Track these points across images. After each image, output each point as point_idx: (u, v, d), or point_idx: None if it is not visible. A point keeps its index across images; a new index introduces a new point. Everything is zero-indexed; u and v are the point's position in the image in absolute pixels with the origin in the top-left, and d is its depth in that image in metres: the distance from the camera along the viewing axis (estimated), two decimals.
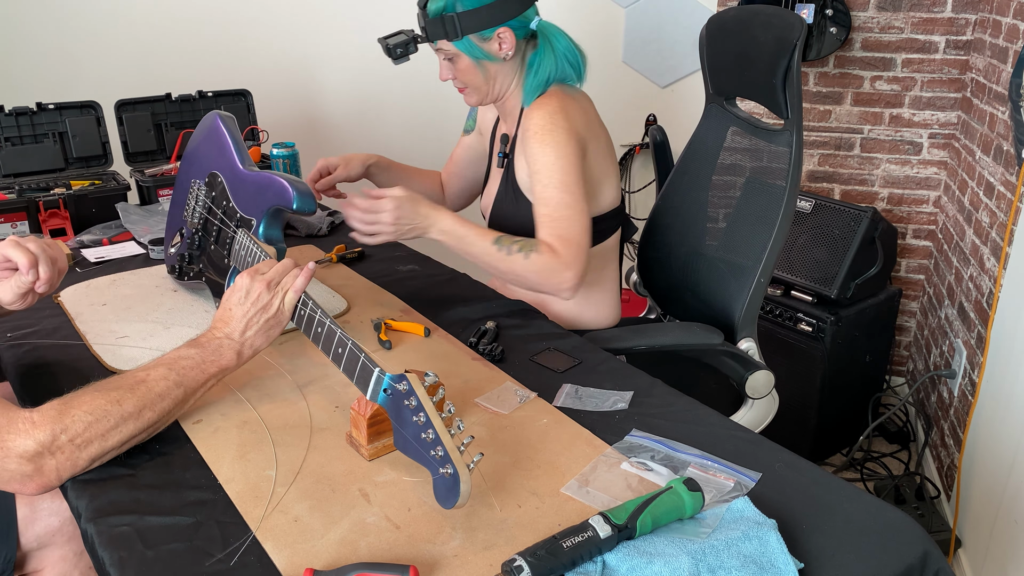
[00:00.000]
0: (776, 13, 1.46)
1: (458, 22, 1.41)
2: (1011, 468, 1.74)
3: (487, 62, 1.48)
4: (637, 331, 1.53)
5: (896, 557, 0.87)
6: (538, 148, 1.42)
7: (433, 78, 2.84)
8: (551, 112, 1.44)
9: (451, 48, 1.45)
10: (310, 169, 1.73)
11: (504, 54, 1.47)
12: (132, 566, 0.85)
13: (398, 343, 1.34)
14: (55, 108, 1.96)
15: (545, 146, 1.42)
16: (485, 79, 1.50)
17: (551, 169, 1.41)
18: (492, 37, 1.45)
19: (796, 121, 1.42)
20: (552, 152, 1.41)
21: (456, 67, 1.48)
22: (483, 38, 1.44)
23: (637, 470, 1.01)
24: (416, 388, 0.91)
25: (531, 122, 1.44)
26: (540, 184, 1.42)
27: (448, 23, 1.41)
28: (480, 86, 1.51)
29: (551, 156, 1.41)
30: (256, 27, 2.72)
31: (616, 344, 1.45)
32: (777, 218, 1.47)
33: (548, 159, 1.41)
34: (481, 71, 1.49)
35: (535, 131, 1.43)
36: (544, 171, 1.41)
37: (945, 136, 2.53)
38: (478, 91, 1.52)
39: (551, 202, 1.41)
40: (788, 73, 1.39)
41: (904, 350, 2.80)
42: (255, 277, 1.09)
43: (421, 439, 0.89)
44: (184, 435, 1.08)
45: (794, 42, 1.35)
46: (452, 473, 0.85)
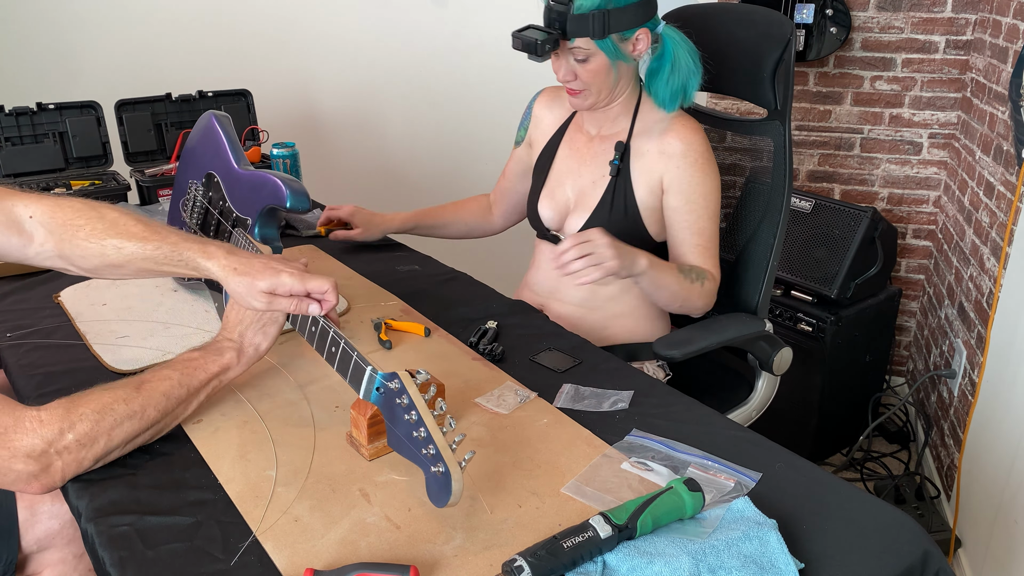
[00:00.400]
0: (754, 11, 1.53)
1: (608, 19, 1.34)
2: (1011, 468, 1.74)
3: (621, 63, 1.42)
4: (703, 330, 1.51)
5: (896, 557, 0.87)
6: (700, 175, 1.43)
7: (433, 77, 2.85)
8: (704, 139, 1.45)
9: (590, 47, 1.38)
10: (310, 169, 1.73)
11: (638, 55, 1.42)
12: (132, 566, 0.85)
13: (398, 343, 1.34)
14: (55, 108, 1.96)
15: (707, 175, 1.43)
16: (613, 82, 1.45)
17: (708, 199, 1.44)
18: (631, 38, 1.40)
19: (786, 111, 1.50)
20: (712, 182, 1.44)
21: (586, 67, 1.41)
22: (623, 38, 1.39)
23: (637, 470, 1.01)
24: (408, 386, 0.92)
25: (689, 145, 1.43)
26: (694, 213, 1.44)
27: (597, 20, 1.34)
28: (604, 89, 1.45)
29: (711, 186, 1.44)
30: (256, 27, 2.72)
31: (693, 346, 1.44)
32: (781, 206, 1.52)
33: (708, 188, 1.44)
34: (614, 73, 1.43)
35: (696, 157, 1.43)
36: (702, 200, 1.44)
37: (945, 136, 2.53)
38: (599, 94, 1.45)
39: (706, 232, 1.45)
40: (780, 65, 1.45)
41: (904, 350, 2.80)
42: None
43: (413, 437, 0.89)
44: (184, 435, 1.08)
45: (788, 37, 1.44)
46: (444, 471, 0.85)
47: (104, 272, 1.12)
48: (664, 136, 1.45)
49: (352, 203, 1.77)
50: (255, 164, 2.09)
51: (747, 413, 1.62)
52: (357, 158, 2.95)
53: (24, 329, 1.37)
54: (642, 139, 1.48)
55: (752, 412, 1.63)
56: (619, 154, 1.49)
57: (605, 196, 1.51)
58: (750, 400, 1.62)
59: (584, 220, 1.52)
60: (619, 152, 1.50)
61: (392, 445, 0.94)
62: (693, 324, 1.51)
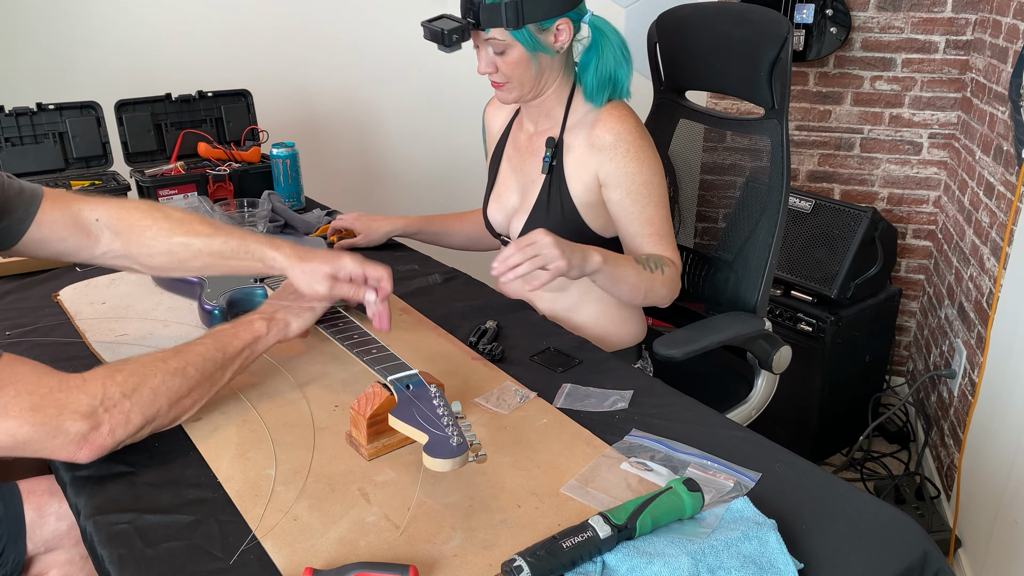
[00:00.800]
0: (751, 10, 1.53)
1: (521, 9, 1.30)
2: (1011, 468, 1.74)
3: (542, 55, 1.38)
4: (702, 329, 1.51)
5: (896, 557, 0.87)
6: (636, 164, 1.38)
7: (432, 77, 2.85)
8: (637, 125, 1.40)
9: (505, 38, 1.34)
10: (310, 169, 1.73)
11: (559, 47, 1.38)
12: (131, 564, 0.85)
13: (396, 344, 1.34)
14: (55, 108, 1.96)
15: (644, 163, 1.38)
16: (535, 74, 1.40)
17: (651, 186, 1.39)
18: (551, 28, 1.36)
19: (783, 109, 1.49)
20: (649, 169, 1.39)
21: (504, 59, 1.37)
22: (541, 28, 1.35)
23: (637, 470, 1.01)
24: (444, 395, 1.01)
25: (619, 135, 1.38)
26: (638, 203, 1.39)
27: (509, 10, 1.30)
28: (526, 82, 1.41)
29: (650, 172, 1.39)
30: (256, 27, 2.72)
31: (691, 347, 1.44)
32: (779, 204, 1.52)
33: (648, 175, 1.39)
34: (534, 65, 1.38)
35: (628, 146, 1.38)
36: (644, 189, 1.39)
37: (945, 136, 2.53)
38: (522, 87, 1.41)
39: (655, 220, 1.40)
40: (777, 64, 1.45)
41: (904, 350, 2.80)
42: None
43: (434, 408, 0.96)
44: (184, 433, 1.08)
45: (784, 35, 1.43)
46: (460, 443, 0.90)
47: (170, 269, 1.18)
48: (593, 128, 1.41)
49: (351, 202, 1.78)
50: (255, 164, 2.09)
51: (747, 412, 1.62)
52: (357, 158, 2.95)
53: (24, 327, 1.37)
54: (573, 133, 1.45)
55: (752, 411, 1.63)
56: (550, 150, 1.46)
57: (541, 195, 1.48)
58: (749, 399, 1.63)
59: (523, 221, 1.50)
60: (550, 148, 1.46)
61: (396, 414, 0.97)
62: (692, 323, 1.51)
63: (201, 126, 2.13)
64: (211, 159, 2.09)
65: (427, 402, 0.97)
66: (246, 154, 2.10)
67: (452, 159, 2.94)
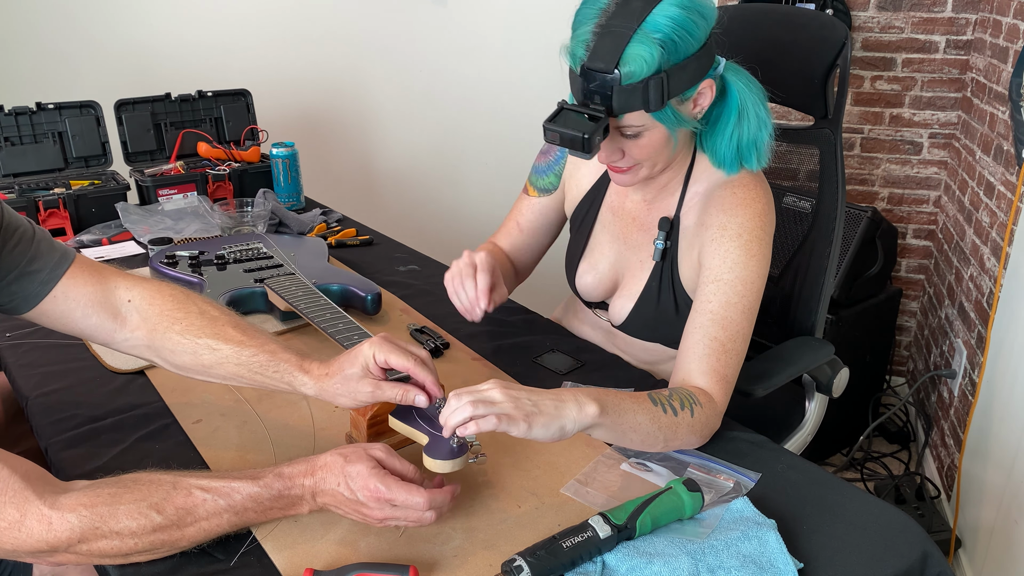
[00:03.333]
0: (799, 12, 1.44)
1: (667, 84, 1.02)
2: (1011, 468, 1.74)
3: (681, 130, 1.11)
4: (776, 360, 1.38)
5: (896, 557, 0.87)
6: (743, 257, 1.11)
7: (432, 77, 2.85)
8: (762, 213, 1.13)
9: (644, 122, 1.06)
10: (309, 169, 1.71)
11: (699, 112, 1.10)
12: (131, 564, 0.85)
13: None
14: (55, 108, 1.96)
15: (751, 257, 1.11)
16: (672, 150, 1.14)
17: (747, 287, 1.11)
18: (693, 95, 1.08)
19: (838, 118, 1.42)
20: (757, 268, 1.11)
21: (637, 143, 1.09)
22: (683, 99, 1.07)
23: (637, 470, 1.01)
24: None
25: (741, 216, 1.12)
26: (724, 299, 1.10)
27: (652, 89, 1.01)
28: (659, 162, 1.15)
29: (755, 272, 1.11)
30: (256, 27, 2.72)
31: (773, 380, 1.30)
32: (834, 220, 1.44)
33: (750, 275, 1.11)
34: (673, 143, 1.12)
35: (740, 230, 1.12)
36: (739, 287, 1.10)
37: (945, 136, 2.53)
38: (652, 168, 1.15)
39: (731, 327, 1.09)
40: (833, 70, 1.34)
41: (904, 350, 2.80)
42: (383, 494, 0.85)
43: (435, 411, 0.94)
44: (184, 435, 1.08)
45: (842, 41, 1.32)
46: (461, 445, 0.90)
47: (191, 371, 1.05)
48: (710, 203, 1.16)
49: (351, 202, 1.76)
50: (255, 164, 2.09)
51: (803, 438, 1.49)
52: (356, 158, 2.95)
53: (24, 329, 1.37)
54: (691, 211, 1.21)
55: (807, 436, 1.49)
56: (663, 233, 1.23)
57: (651, 283, 1.25)
58: (804, 425, 1.50)
59: (629, 308, 1.28)
60: (664, 231, 1.23)
61: (396, 415, 0.96)
62: (761, 354, 1.38)
63: (201, 126, 2.13)
64: (211, 159, 2.09)
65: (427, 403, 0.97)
66: (246, 154, 2.10)
67: (453, 158, 2.94)
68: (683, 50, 1.02)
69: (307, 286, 1.38)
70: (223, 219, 1.83)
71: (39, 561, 0.84)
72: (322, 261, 1.57)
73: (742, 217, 1.12)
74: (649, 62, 1.00)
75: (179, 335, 1.03)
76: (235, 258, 1.53)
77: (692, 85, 1.06)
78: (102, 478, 0.85)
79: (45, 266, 1.02)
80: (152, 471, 0.87)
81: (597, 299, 1.35)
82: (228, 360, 1.02)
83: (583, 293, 1.35)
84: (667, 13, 1.01)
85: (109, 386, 1.20)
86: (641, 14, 1.00)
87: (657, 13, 1.00)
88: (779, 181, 1.58)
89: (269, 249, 1.59)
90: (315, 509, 0.89)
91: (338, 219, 1.99)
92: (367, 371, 0.96)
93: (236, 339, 1.02)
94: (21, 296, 1.02)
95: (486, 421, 0.85)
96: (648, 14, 1.00)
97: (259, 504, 0.86)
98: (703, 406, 1.04)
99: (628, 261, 1.29)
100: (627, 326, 1.29)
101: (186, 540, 0.84)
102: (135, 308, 1.05)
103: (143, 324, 1.05)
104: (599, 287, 1.33)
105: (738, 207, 1.13)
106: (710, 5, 1.06)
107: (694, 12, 1.03)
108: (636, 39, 1.00)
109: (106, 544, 0.81)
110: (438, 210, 2.99)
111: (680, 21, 1.01)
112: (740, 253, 1.11)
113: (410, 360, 0.95)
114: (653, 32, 1.00)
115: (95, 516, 0.81)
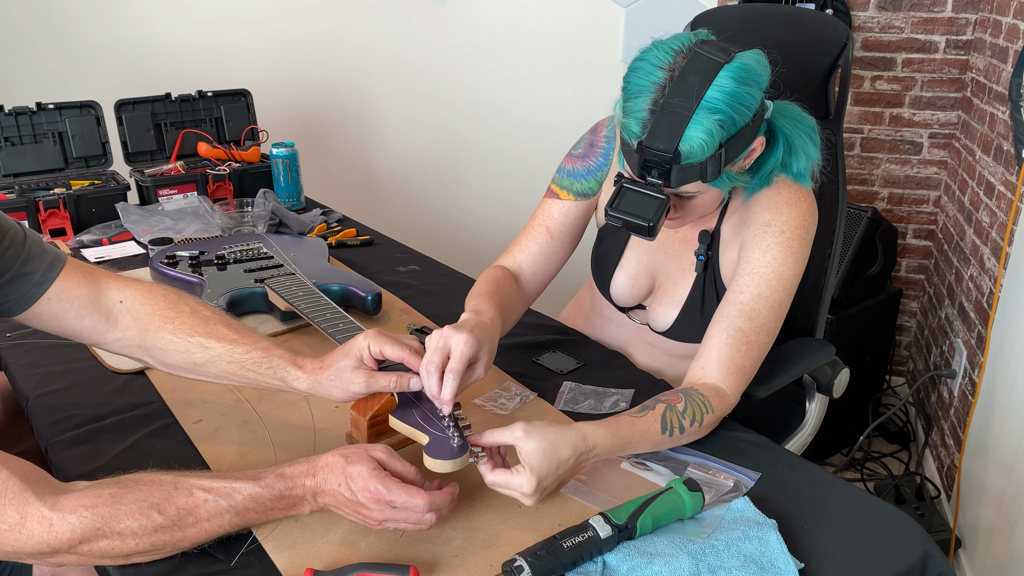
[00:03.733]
0: (800, 13, 1.44)
1: (724, 157, 1.04)
2: (1011, 468, 1.74)
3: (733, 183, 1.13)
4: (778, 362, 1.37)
5: (896, 557, 0.87)
6: (782, 253, 1.12)
7: (432, 77, 2.85)
8: (807, 212, 1.15)
9: (700, 188, 1.09)
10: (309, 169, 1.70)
11: (748, 164, 1.12)
12: (132, 566, 0.85)
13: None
14: (55, 108, 1.96)
15: (791, 254, 1.12)
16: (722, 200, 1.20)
17: (781, 283, 1.12)
18: (746, 154, 1.10)
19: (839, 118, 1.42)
20: (795, 265, 1.13)
21: (692, 203, 1.12)
22: (735, 162, 1.09)
23: (637, 470, 1.01)
24: None
25: (787, 214, 1.14)
26: (756, 291, 1.11)
27: (712, 164, 1.03)
28: (709, 209, 1.18)
29: (791, 269, 1.12)
30: (256, 27, 2.72)
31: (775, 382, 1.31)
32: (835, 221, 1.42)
33: (787, 271, 1.12)
34: (725, 196, 1.18)
35: (790, 229, 1.13)
36: (773, 282, 1.11)
37: (945, 136, 2.53)
38: (703, 215, 1.20)
39: (757, 320, 1.10)
40: (834, 71, 1.35)
41: (904, 350, 2.80)
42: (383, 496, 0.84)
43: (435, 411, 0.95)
44: (184, 435, 1.08)
45: (844, 41, 1.33)
46: (461, 445, 0.90)
47: (183, 370, 1.06)
48: (753, 202, 1.17)
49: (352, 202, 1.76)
50: (255, 164, 2.09)
51: (803, 439, 1.50)
52: (356, 158, 2.95)
53: (24, 329, 1.37)
54: (731, 218, 1.23)
55: (807, 436, 1.50)
56: (704, 245, 1.24)
57: (695, 292, 1.26)
58: (804, 425, 1.50)
59: (674, 316, 1.28)
60: (704, 243, 1.24)
61: (396, 415, 0.96)
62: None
63: (201, 126, 2.13)
64: (211, 159, 2.09)
65: (427, 403, 0.97)
66: (246, 154, 2.10)
67: (453, 159, 2.94)
68: (740, 123, 1.03)
69: (307, 286, 1.39)
70: (223, 219, 1.83)
71: (40, 562, 0.84)
72: (322, 261, 1.57)
73: (787, 215, 1.13)
74: (709, 143, 1.01)
75: (171, 334, 1.04)
76: (235, 258, 1.53)
77: (745, 148, 1.08)
78: (103, 479, 0.85)
79: (38, 268, 1.03)
80: (153, 471, 0.87)
81: (631, 304, 1.35)
82: (221, 358, 1.03)
83: (618, 299, 1.35)
84: (724, 89, 1.01)
85: (109, 386, 1.20)
86: (700, 92, 1.00)
87: (714, 89, 1.00)
88: None
89: (269, 249, 1.59)
90: (316, 509, 0.89)
91: (338, 219, 1.99)
92: (361, 363, 0.97)
93: (228, 337, 1.03)
94: (14, 298, 1.03)
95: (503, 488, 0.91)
96: (706, 91, 1.00)
97: (260, 504, 0.86)
98: (714, 411, 1.04)
99: (666, 268, 1.30)
100: (672, 332, 1.29)
101: (187, 541, 0.84)
102: (126, 309, 1.06)
103: (134, 324, 1.06)
104: (635, 293, 1.33)
105: (784, 205, 1.14)
106: (763, 70, 1.06)
107: (750, 83, 1.03)
108: (696, 120, 1.00)
109: (107, 545, 0.81)
110: (438, 210, 2.99)
111: (737, 96, 1.01)
112: (781, 249, 1.12)
113: (405, 350, 0.97)
114: (712, 112, 1.00)
115: (96, 517, 0.80)
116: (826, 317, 1.50)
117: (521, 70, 2.75)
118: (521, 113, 2.80)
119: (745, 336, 1.10)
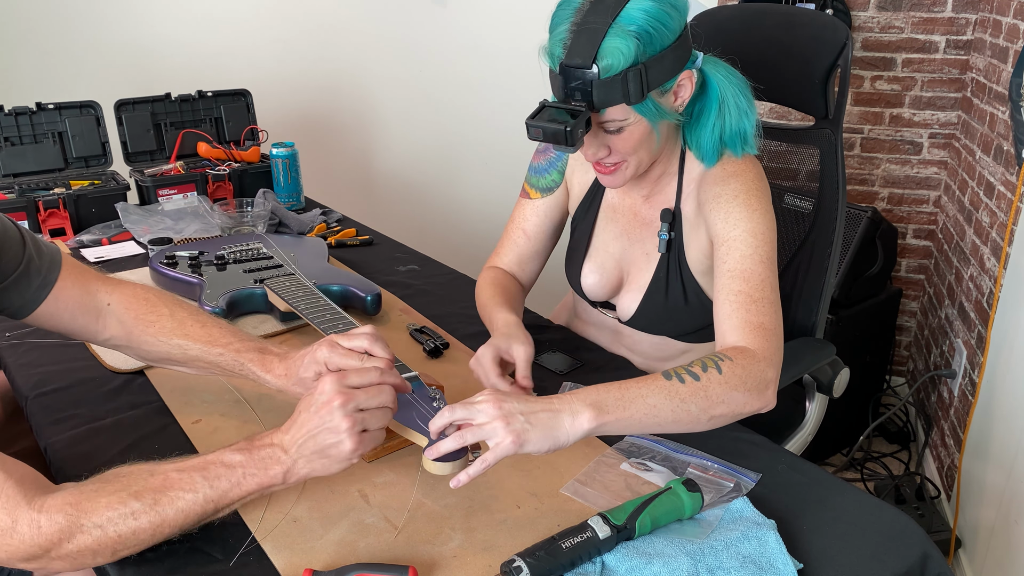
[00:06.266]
0: (799, 12, 1.44)
1: (645, 77, 1.02)
2: (1011, 468, 1.74)
3: (664, 123, 1.12)
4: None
5: (896, 557, 0.87)
6: (745, 212, 1.12)
7: (432, 77, 2.85)
8: (755, 178, 1.15)
9: (626, 116, 1.06)
10: (309, 169, 1.71)
11: (680, 105, 1.11)
12: (131, 565, 0.85)
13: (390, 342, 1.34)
14: (55, 108, 1.96)
15: (754, 211, 1.12)
16: (657, 147, 1.14)
17: (759, 238, 1.11)
18: (672, 87, 1.09)
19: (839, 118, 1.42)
20: (763, 220, 1.12)
21: (621, 137, 1.09)
22: (663, 91, 1.07)
23: (637, 471, 1.01)
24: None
25: (734, 183, 1.14)
26: (739, 253, 1.10)
27: (631, 82, 1.01)
28: (645, 158, 1.14)
29: (761, 224, 1.12)
30: (256, 27, 2.72)
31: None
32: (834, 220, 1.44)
33: (757, 226, 1.11)
34: (656, 137, 1.12)
35: (743, 192, 1.13)
36: (750, 239, 1.10)
37: (945, 136, 2.53)
38: (639, 165, 1.15)
39: (753, 278, 1.08)
40: (834, 70, 1.35)
41: (904, 350, 2.80)
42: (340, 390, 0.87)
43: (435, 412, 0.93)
44: (183, 435, 1.08)
45: (843, 42, 1.34)
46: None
47: (167, 365, 1.14)
48: (703, 182, 1.18)
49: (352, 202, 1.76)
50: (255, 164, 2.09)
51: (803, 438, 1.49)
52: (356, 158, 2.95)
53: (23, 328, 1.37)
54: (690, 198, 1.22)
55: (807, 436, 1.49)
56: (666, 224, 1.23)
57: (658, 274, 1.25)
58: (804, 424, 1.49)
59: (637, 301, 1.28)
60: (666, 222, 1.23)
61: (398, 416, 0.95)
62: None
63: (201, 126, 2.13)
64: (211, 159, 2.09)
65: (427, 404, 0.97)
66: (246, 154, 2.10)
67: (453, 158, 2.94)
68: (659, 42, 1.03)
69: (307, 286, 1.38)
70: (223, 219, 1.83)
71: (33, 567, 0.84)
72: (322, 261, 1.57)
73: (735, 183, 1.14)
74: (626, 54, 1.01)
75: (152, 337, 1.10)
76: (235, 258, 1.53)
77: (671, 77, 1.07)
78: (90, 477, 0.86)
79: (39, 270, 1.06)
80: (134, 463, 0.88)
81: (602, 298, 1.35)
82: (199, 359, 1.09)
83: (588, 293, 1.34)
84: (641, 6, 1.02)
85: (109, 386, 1.20)
86: (615, 9, 1.02)
87: (631, 7, 1.02)
88: (779, 181, 1.57)
89: (269, 249, 1.59)
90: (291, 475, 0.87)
91: (338, 219, 1.99)
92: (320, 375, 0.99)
93: (203, 338, 1.09)
94: (19, 303, 1.06)
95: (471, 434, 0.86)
96: (622, 8, 1.02)
97: (231, 471, 0.85)
98: (734, 360, 1.00)
99: (632, 256, 1.30)
100: (636, 320, 1.29)
101: (168, 525, 0.83)
102: (113, 312, 1.11)
103: (120, 327, 1.11)
104: (605, 286, 1.32)
105: (729, 177, 1.15)
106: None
107: (667, 4, 1.04)
108: (612, 33, 1.01)
109: (90, 539, 0.82)
110: (438, 210, 2.99)
111: (654, 13, 1.02)
112: (741, 210, 1.12)
113: (364, 340, 0.99)
114: (628, 25, 1.01)
115: (79, 512, 0.82)
116: (826, 317, 1.50)
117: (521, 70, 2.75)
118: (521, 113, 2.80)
119: (749, 295, 1.08)
